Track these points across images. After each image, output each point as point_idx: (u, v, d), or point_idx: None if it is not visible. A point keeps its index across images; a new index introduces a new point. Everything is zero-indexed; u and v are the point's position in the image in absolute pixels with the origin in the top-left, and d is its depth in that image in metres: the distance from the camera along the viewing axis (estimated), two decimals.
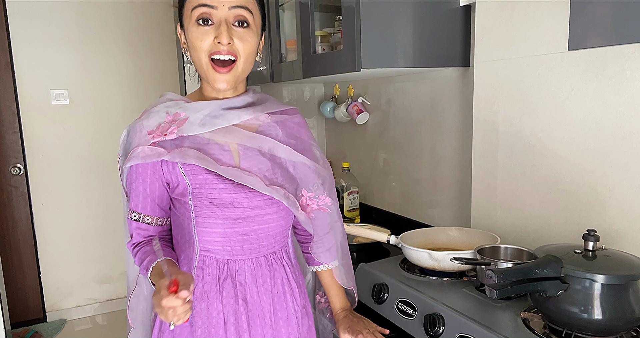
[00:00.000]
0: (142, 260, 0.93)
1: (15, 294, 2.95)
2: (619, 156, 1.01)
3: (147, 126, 0.92)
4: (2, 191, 2.87)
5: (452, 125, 1.60)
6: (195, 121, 0.92)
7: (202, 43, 0.89)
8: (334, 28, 1.67)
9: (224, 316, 0.95)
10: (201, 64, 0.91)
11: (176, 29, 0.98)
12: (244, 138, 0.95)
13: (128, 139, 0.94)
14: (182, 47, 0.96)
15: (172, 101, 0.97)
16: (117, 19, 3.00)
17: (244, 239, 0.95)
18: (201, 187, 0.92)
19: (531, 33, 1.16)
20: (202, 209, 0.93)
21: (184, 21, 0.92)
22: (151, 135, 0.91)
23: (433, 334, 0.95)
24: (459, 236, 1.30)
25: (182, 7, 0.92)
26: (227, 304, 0.95)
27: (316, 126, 2.44)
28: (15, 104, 2.83)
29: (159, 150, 0.90)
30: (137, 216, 0.96)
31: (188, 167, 0.91)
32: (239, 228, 0.95)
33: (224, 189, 0.92)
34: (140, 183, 0.94)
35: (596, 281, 0.81)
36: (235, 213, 0.93)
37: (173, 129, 0.91)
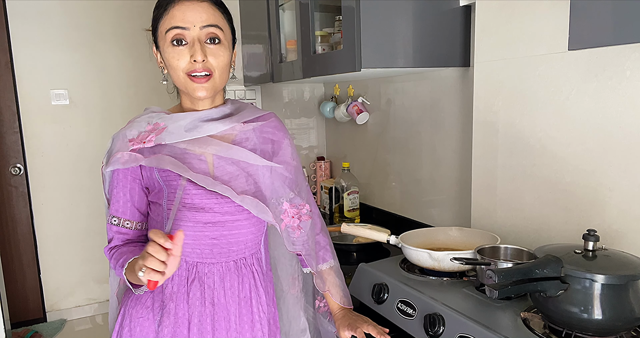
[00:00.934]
0: (118, 259, 0.96)
1: (15, 294, 2.95)
2: (619, 156, 1.01)
3: (129, 135, 0.98)
4: (2, 191, 2.87)
5: (452, 125, 1.60)
6: (173, 130, 0.96)
7: (179, 62, 0.94)
8: (334, 28, 1.68)
9: (189, 316, 0.98)
10: (180, 80, 0.96)
11: (151, 49, 1.03)
12: (219, 148, 0.98)
13: (111, 147, 1.00)
14: (159, 66, 1.01)
15: (155, 112, 1.02)
16: (118, 19, 3.00)
17: (213, 243, 0.99)
18: (173, 192, 0.97)
19: (531, 33, 1.16)
20: (176, 214, 0.97)
21: (159, 42, 0.97)
22: (131, 143, 0.96)
23: (433, 334, 0.95)
24: (459, 236, 1.30)
25: (156, 30, 0.97)
26: (193, 305, 0.99)
27: (316, 126, 2.44)
28: (15, 104, 2.83)
29: (136, 156, 0.95)
30: (117, 220, 1.00)
31: (164, 173, 0.96)
32: (209, 232, 0.98)
33: (196, 194, 0.96)
34: (120, 188, 0.99)
35: (596, 281, 0.81)
36: (206, 218, 0.97)
37: (151, 137, 0.96)
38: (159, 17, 0.95)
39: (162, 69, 1.00)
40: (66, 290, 3.10)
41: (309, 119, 2.43)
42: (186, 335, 0.98)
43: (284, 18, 1.87)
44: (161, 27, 0.95)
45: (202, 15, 0.93)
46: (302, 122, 2.42)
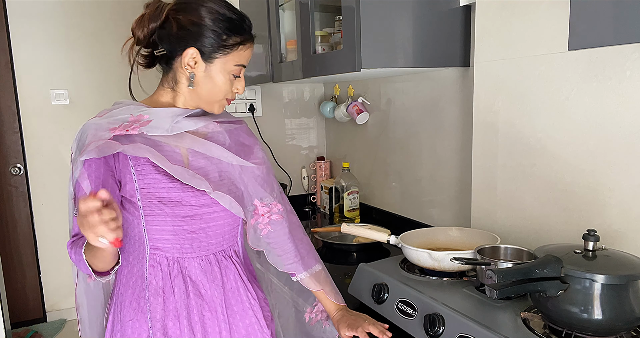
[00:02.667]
0: (77, 243, 0.92)
1: (15, 294, 2.95)
2: (619, 156, 1.01)
3: (110, 123, 0.95)
4: (2, 191, 2.87)
5: (452, 125, 1.60)
6: (158, 124, 0.97)
7: (228, 89, 1.02)
8: (334, 28, 1.68)
9: (177, 310, 1.01)
10: (216, 98, 1.02)
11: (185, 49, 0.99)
12: (193, 143, 1.00)
13: (82, 136, 0.95)
14: (186, 67, 0.99)
15: (133, 105, 1.02)
16: (117, 19, 3.00)
17: (192, 237, 1.01)
18: (149, 187, 0.96)
19: (531, 33, 1.16)
20: (151, 209, 0.97)
21: (216, 61, 0.99)
22: (112, 130, 0.94)
23: (433, 334, 0.95)
24: (459, 236, 1.30)
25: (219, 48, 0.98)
26: (180, 299, 1.01)
27: (316, 126, 2.45)
28: (15, 104, 2.83)
29: (113, 143, 0.92)
30: None
31: (139, 167, 0.96)
32: (188, 226, 1.00)
33: (172, 188, 0.97)
34: (93, 179, 0.93)
35: (596, 281, 0.80)
36: (184, 211, 0.99)
37: (136, 127, 0.95)
38: (233, 46, 0.99)
39: (192, 74, 1.00)
40: (66, 290, 3.10)
41: (309, 119, 2.43)
42: (177, 327, 1.00)
43: (284, 18, 1.87)
44: (231, 57, 1.00)
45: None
46: (302, 122, 2.42)
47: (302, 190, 2.42)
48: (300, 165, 2.43)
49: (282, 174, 2.36)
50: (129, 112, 0.98)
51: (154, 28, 1.00)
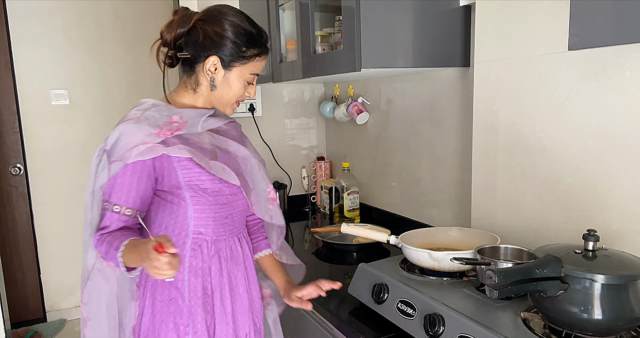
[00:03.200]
0: (111, 242, 1.01)
1: (15, 294, 2.95)
2: (619, 156, 1.01)
3: (151, 127, 1.04)
4: (2, 191, 2.87)
5: (452, 125, 1.60)
6: (193, 123, 1.10)
7: (241, 93, 1.14)
8: (334, 28, 1.68)
9: (211, 287, 1.13)
10: (228, 100, 1.14)
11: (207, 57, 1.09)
12: (216, 140, 1.15)
13: (121, 139, 1.03)
14: (207, 73, 1.10)
15: (161, 105, 1.11)
16: (117, 19, 3.00)
17: (225, 222, 1.15)
18: (194, 179, 1.07)
19: (531, 33, 1.16)
20: (197, 198, 1.09)
21: (235, 70, 1.11)
22: (157, 134, 1.04)
23: (433, 334, 0.95)
24: (459, 236, 1.30)
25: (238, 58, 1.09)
26: (215, 277, 1.13)
27: (316, 126, 2.45)
28: (15, 104, 2.83)
29: (158, 147, 1.02)
30: (118, 208, 1.04)
31: (181, 163, 1.06)
32: (223, 212, 1.13)
33: (213, 179, 1.09)
34: (128, 177, 1.03)
35: (596, 281, 0.81)
36: (221, 200, 1.12)
37: (178, 129, 1.07)
38: (250, 57, 1.10)
39: (212, 79, 1.11)
40: (66, 290, 3.10)
41: (309, 119, 2.43)
42: (211, 304, 1.13)
43: (284, 18, 1.87)
44: (248, 66, 1.11)
45: None
46: (302, 122, 2.42)
47: (302, 190, 2.42)
48: (300, 165, 2.43)
49: (282, 174, 2.36)
50: (165, 113, 1.09)
51: (181, 33, 1.09)
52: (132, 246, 0.98)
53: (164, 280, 1.07)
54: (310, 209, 2.36)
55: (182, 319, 1.10)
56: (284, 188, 2.30)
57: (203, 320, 1.11)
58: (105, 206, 1.05)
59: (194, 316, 1.10)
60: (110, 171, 1.03)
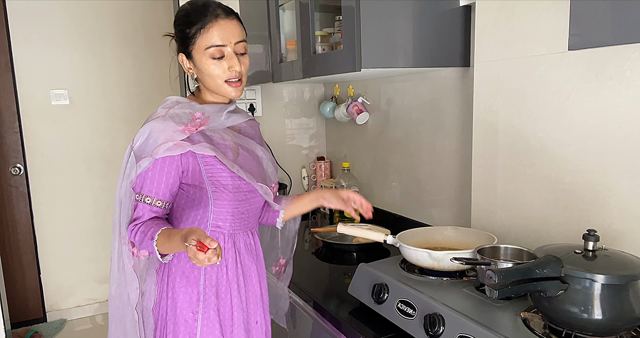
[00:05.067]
0: (145, 232, 1.07)
1: (15, 294, 2.95)
2: (619, 156, 1.01)
3: (177, 123, 1.09)
4: (2, 191, 2.87)
5: (452, 125, 1.60)
6: (215, 119, 1.15)
7: (219, 72, 1.12)
8: (334, 28, 1.68)
9: (227, 278, 1.18)
10: (217, 86, 1.14)
11: (177, 56, 1.16)
12: (237, 138, 1.20)
13: (150, 136, 1.08)
14: (188, 72, 1.16)
15: (184, 103, 1.16)
16: (117, 19, 3.00)
17: (242, 217, 1.20)
18: (216, 175, 1.12)
19: (531, 33, 1.16)
20: (217, 194, 1.14)
21: (194, 54, 1.12)
22: (183, 130, 1.09)
23: (433, 334, 0.95)
24: (455, 236, 1.30)
25: (190, 42, 1.11)
26: (231, 268, 1.19)
27: (316, 126, 2.45)
28: (15, 104, 2.83)
29: (184, 143, 1.07)
30: (150, 200, 1.10)
31: (205, 159, 1.11)
32: (241, 208, 1.18)
33: (233, 176, 1.14)
34: (158, 170, 1.09)
35: (596, 281, 0.81)
36: (240, 196, 1.17)
37: (202, 124, 1.12)
38: (196, 34, 1.10)
39: (192, 74, 1.16)
40: (66, 290, 3.10)
41: (309, 119, 2.43)
42: (228, 293, 1.18)
43: (284, 18, 1.87)
44: (200, 43, 1.10)
45: (234, 32, 1.11)
46: (302, 122, 2.42)
47: (302, 190, 2.42)
48: (300, 165, 2.43)
49: (282, 174, 2.36)
50: (188, 110, 1.13)
51: None
52: (166, 235, 1.03)
53: (184, 267, 1.15)
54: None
55: (197, 305, 1.15)
56: (284, 188, 2.30)
57: (216, 306, 1.16)
58: (137, 198, 1.11)
59: (208, 302, 1.15)
60: (141, 167, 1.08)
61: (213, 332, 1.16)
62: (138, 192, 1.11)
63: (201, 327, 1.15)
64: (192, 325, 1.15)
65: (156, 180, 1.10)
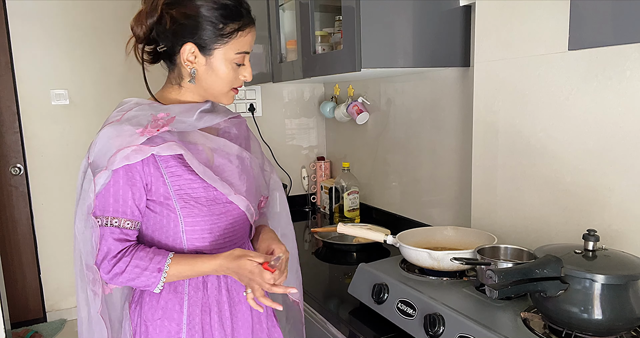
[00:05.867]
0: (142, 266, 0.92)
1: (15, 294, 2.95)
2: (619, 156, 1.01)
3: (135, 126, 0.92)
4: (2, 191, 2.87)
5: (452, 125, 1.60)
6: (183, 119, 0.97)
7: (232, 78, 1.00)
8: (334, 28, 1.68)
9: (209, 305, 1.02)
10: (222, 90, 1.01)
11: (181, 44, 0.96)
12: (214, 142, 1.02)
13: (102, 145, 0.92)
14: (188, 62, 0.97)
15: (144, 104, 0.99)
16: (117, 19, 3.00)
17: (225, 233, 1.02)
18: (185, 187, 0.95)
19: (531, 33, 1.16)
20: (188, 210, 0.96)
21: (216, 52, 0.96)
22: (142, 133, 0.91)
23: (433, 334, 0.95)
24: (455, 236, 1.30)
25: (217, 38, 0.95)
26: (212, 294, 1.02)
27: (316, 126, 2.45)
28: (15, 104, 2.83)
29: (145, 148, 0.90)
30: (118, 221, 0.92)
31: (170, 169, 0.94)
32: (221, 223, 1.00)
33: (206, 187, 0.97)
34: (121, 185, 0.91)
35: (596, 281, 0.81)
36: (218, 209, 0.99)
37: (165, 125, 0.93)
38: (231, 33, 0.96)
39: (193, 70, 0.98)
40: (66, 290, 3.10)
41: (309, 119, 2.43)
42: (208, 322, 1.01)
43: (284, 18, 1.87)
44: (232, 45, 0.96)
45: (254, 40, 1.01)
46: (302, 122, 2.42)
47: (302, 190, 2.42)
48: (300, 165, 2.43)
49: (282, 174, 2.36)
50: (150, 112, 0.96)
51: (151, 24, 0.96)
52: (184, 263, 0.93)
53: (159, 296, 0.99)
54: (310, 210, 2.36)
55: (180, 336, 0.99)
56: (284, 188, 2.30)
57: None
58: (101, 222, 0.92)
59: (192, 333, 1.00)
60: (97, 185, 0.91)
61: None
62: (100, 215, 0.91)
63: None
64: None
65: (120, 196, 0.91)
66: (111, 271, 0.92)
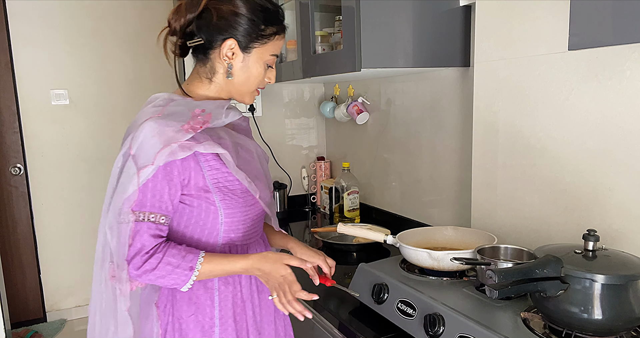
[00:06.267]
0: (174, 263, 0.92)
1: (15, 294, 2.95)
2: (619, 156, 1.01)
3: (179, 122, 0.94)
4: (2, 191, 2.87)
5: (452, 125, 1.60)
6: (217, 116, 1.00)
7: (260, 79, 1.05)
8: (334, 28, 1.68)
9: (242, 296, 1.06)
10: (249, 89, 1.05)
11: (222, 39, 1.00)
12: (235, 137, 1.06)
13: (147, 140, 0.91)
14: (226, 57, 1.01)
15: (178, 99, 1.01)
16: (117, 19, 3.00)
17: (253, 224, 1.07)
18: (221, 181, 0.98)
19: (531, 33, 1.16)
20: (228, 202, 1.00)
21: (254, 51, 1.01)
22: (186, 129, 0.93)
23: (433, 334, 0.95)
24: (455, 236, 1.30)
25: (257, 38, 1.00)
26: (245, 286, 1.07)
27: (316, 126, 2.45)
28: (15, 104, 2.83)
29: (189, 144, 0.92)
30: (154, 217, 0.93)
31: (208, 163, 0.97)
32: (251, 214, 1.05)
33: (238, 181, 1.00)
34: (159, 180, 0.92)
35: (596, 281, 0.80)
36: (249, 201, 1.03)
37: (206, 122, 0.97)
38: (270, 36, 1.01)
39: (230, 65, 1.01)
40: (66, 290, 3.10)
41: (309, 119, 2.43)
42: (243, 313, 1.06)
43: None
44: (268, 47, 1.02)
45: None
46: (302, 122, 2.42)
47: (302, 190, 2.42)
48: (300, 165, 2.43)
49: (282, 174, 2.36)
50: (185, 107, 0.98)
51: (191, 19, 0.99)
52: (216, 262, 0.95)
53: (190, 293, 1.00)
54: (310, 210, 2.36)
55: (211, 333, 1.01)
56: (284, 188, 2.30)
57: (234, 331, 1.03)
58: (139, 216, 0.92)
59: (225, 327, 1.02)
60: (141, 178, 0.91)
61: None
62: (137, 210, 0.91)
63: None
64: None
65: (158, 191, 0.92)
66: (141, 267, 0.91)
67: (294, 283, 0.98)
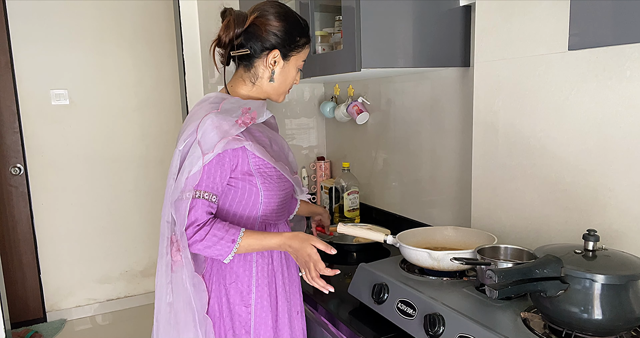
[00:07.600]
0: (219, 235, 1.09)
1: (15, 294, 2.95)
2: (619, 156, 1.01)
3: (234, 117, 1.14)
4: (2, 191, 2.87)
5: (452, 125, 1.60)
6: (260, 114, 1.21)
7: (292, 81, 1.25)
8: (334, 28, 1.68)
9: (273, 268, 1.24)
10: (284, 90, 1.25)
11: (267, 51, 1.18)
12: (270, 132, 1.27)
13: (209, 131, 1.10)
14: (269, 66, 1.20)
15: (229, 97, 1.19)
16: (118, 19, 3.00)
17: (284, 205, 1.27)
18: (261, 167, 1.17)
19: (531, 33, 1.16)
20: (267, 185, 1.18)
21: (291, 59, 1.21)
22: (239, 123, 1.14)
23: (433, 334, 0.95)
24: (455, 236, 1.30)
25: (294, 47, 1.19)
26: (276, 259, 1.25)
27: (316, 126, 2.44)
28: (15, 104, 2.83)
29: (241, 139, 1.13)
30: (208, 195, 1.11)
31: (252, 153, 1.16)
32: (284, 196, 1.25)
33: (274, 167, 1.19)
34: (215, 166, 1.11)
35: (596, 281, 0.81)
36: (283, 184, 1.23)
37: (253, 119, 1.17)
38: (303, 45, 1.21)
39: (273, 71, 1.20)
40: (66, 290, 3.10)
41: (309, 119, 2.43)
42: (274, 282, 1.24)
43: None
44: (301, 54, 1.22)
45: None
46: (302, 122, 2.42)
47: None
48: (300, 165, 2.43)
49: None
50: (236, 105, 1.17)
51: (239, 32, 1.16)
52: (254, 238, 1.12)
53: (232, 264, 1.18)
54: None
55: (249, 298, 1.19)
56: None
57: (268, 297, 1.21)
58: (195, 195, 1.10)
59: (261, 293, 1.20)
60: (204, 161, 1.10)
61: (266, 322, 1.20)
62: (196, 189, 1.11)
63: (255, 318, 1.19)
64: (245, 319, 1.19)
65: (212, 174, 1.11)
66: (192, 237, 1.09)
67: (318, 262, 1.10)
